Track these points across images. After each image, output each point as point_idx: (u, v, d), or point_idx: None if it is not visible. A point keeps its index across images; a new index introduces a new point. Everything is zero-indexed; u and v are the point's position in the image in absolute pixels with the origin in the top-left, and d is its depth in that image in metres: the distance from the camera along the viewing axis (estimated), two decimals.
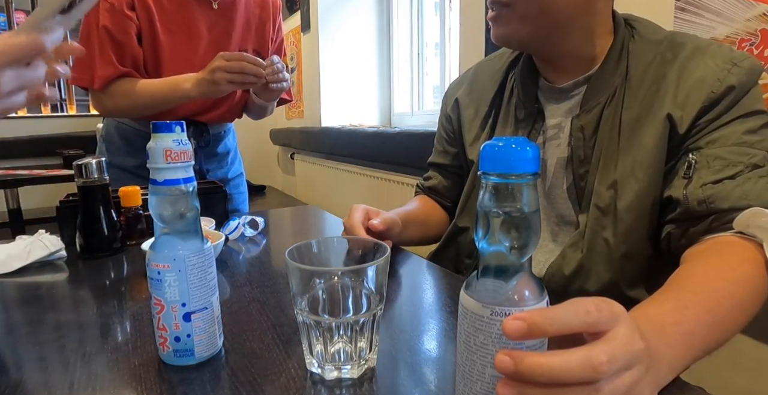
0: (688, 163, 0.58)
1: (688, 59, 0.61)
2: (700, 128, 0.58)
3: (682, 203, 0.57)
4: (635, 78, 0.63)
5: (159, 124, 0.41)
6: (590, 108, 0.65)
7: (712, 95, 0.57)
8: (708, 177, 0.56)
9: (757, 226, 0.51)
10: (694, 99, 0.58)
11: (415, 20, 2.57)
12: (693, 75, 0.59)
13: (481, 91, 0.80)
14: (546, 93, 0.71)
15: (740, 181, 0.55)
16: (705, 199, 0.55)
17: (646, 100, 0.61)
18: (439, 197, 0.89)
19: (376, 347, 0.43)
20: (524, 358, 0.27)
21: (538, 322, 0.27)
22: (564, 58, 0.68)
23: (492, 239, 0.31)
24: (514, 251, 0.31)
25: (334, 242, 0.46)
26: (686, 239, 0.57)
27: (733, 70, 0.58)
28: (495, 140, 0.30)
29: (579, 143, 0.65)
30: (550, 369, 0.27)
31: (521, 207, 0.30)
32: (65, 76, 0.49)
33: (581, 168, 0.65)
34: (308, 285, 0.40)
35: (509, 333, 0.27)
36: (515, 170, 0.29)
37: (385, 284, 0.42)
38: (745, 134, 0.57)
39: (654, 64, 0.63)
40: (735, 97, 0.57)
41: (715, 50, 0.61)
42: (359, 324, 0.40)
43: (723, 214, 0.54)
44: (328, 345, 0.40)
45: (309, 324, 0.40)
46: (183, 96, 1.03)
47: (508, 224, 0.30)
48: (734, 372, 0.98)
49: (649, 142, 0.60)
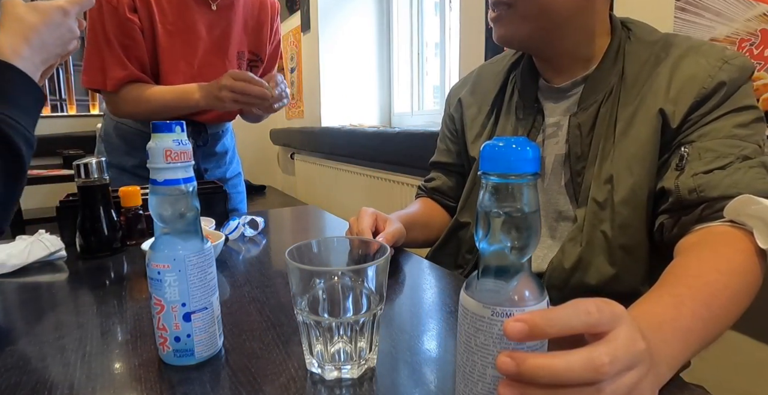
0: (681, 155, 0.59)
1: (681, 58, 0.62)
2: (692, 122, 0.60)
3: (673, 193, 0.58)
4: (630, 77, 0.65)
5: (159, 124, 0.41)
6: (587, 106, 0.67)
7: (703, 91, 0.59)
8: (699, 168, 0.57)
9: (747, 214, 0.52)
10: (686, 95, 0.60)
11: (415, 20, 2.57)
12: (685, 72, 0.61)
13: (483, 91, 0.82)
14: (545, 93, 0.73)
15: (730, 171, 0.56)
16: (695, 188, 0.56)
17: (640, 96, 0.63)
18: (443, 197, 0.90)
19: (376, 347, 0.43)
20: (526, 359, 0.27)
21: (539, 324, 0.27)
22: (563, 58, 0.69)
23: (492, 239, 0.31)
24: (514, 251, 0.31)
25: (334, 242, 0.46)
26: (678, 229, 0.59)
27: (724, 67, 0.59)
28: (495, 139, 0.30)
29: (576, 140, 0.67)
30: (553, 370, 0.27)
31: (521, 207, 0.30)
32: (83, 25, 0.66)
33: (578, 164, 0.67)
34: (308, 285, 0.40)
35: (510, 335, 0.27)
36: (515, 170, 0.29)
37: (385, 284, 0.42)
38: (736, 127, 0.58)
39: (648, 63, 0.64)
40: (726, 93, 0.59)
41: (708, 49, 0.62)
42: (359, 324, 0.40)
43: (713, 202, 0.55)
44: (328, 345, 0.40)
45: (309, 323, 0.40)
46: (193, 106, 1.06)
47: (508, 225, 0.30)
48: (734, 372, 0.98)
49: (642, 136, 0.61)
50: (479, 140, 0.80)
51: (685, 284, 0.47)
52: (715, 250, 0.52)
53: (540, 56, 0.72)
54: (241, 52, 1.19)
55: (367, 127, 2.50)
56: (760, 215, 0.50)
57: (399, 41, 2.73)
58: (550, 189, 0.71)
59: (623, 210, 0.62)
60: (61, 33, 0.60)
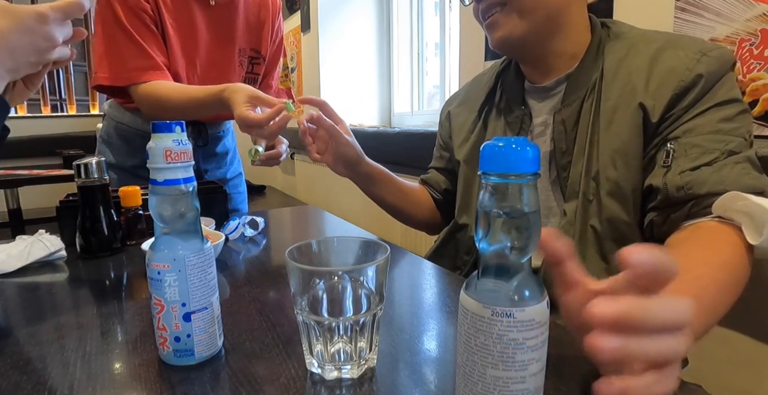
0: (667, 152, 0.59)
1: (660, 51, 0.63)
2: (675, 117, 0.60)
3: (661, 191, 0.59)
4: (610, 72, 0.66)
5: (159, 124, 0.41)
6: (570, 102, 0.68)
7: (682, 84, 0.59)
8: (686, 165, 0.57)
9: (735, 210, 0.52)
10: (665, 89, 0.60)
11: (415, 20, 2.57)
12: (664, 65, 0.61)
13: (472, 99, 0.86)
14: (532, 94, 0.75)
15: (717, 167, 0.56)
16: (683, 185, 0.57)
17: (620, 91, 0.64)
18: (431, 189, 0.95)
19: (376, 347, 0.43)
20: (618, 300, 0.28)
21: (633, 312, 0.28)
22: (550, 57, 0.71)
23: (492, 239, 0.31)
24: (514, 251, 0.31)
25: (335, 242, 0.46)
26: (668, 226, 0.59)
27: (702, 60, 0.59)
28: (495, 139, 0.30)
29: (561, 136, 0.69)
30: (646, 307, 0.28)
31: (521, 207, 0.30)
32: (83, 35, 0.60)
33: (563, 159, 0.68)
34: (308, 285, 0.40)
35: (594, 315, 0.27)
36: (515, 170, 0.29)
37: (386, 284, 0.42)
38: (720, 121, 0.58)
39: (627, 57, 0.65)
40: (704, 86, 0.59)
41: (687, 42, 0.63)
42: (359, 324, 0.40)
43: (701, 199, 0.56)
44: (328, 345, 0.40)
45: (309, 324, 0.40)
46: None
47: (508, 225, 0.30)
48: (734, 372, 0.98)
49: (624, 131, 0.62)
50: (465, 144, 0.83)
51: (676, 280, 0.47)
52: (704, 245, 0.53)
53: (530, 57, 0.73)
54: (242, 50, 1.18)
55: (367, 127, 2.50)
56: (747, 211, 0.51)
57: (399, 41, 2.73)
58: (539, 186, 0.71)
59: (610, 205, 0.63)
60: (34, 40, 0.54)
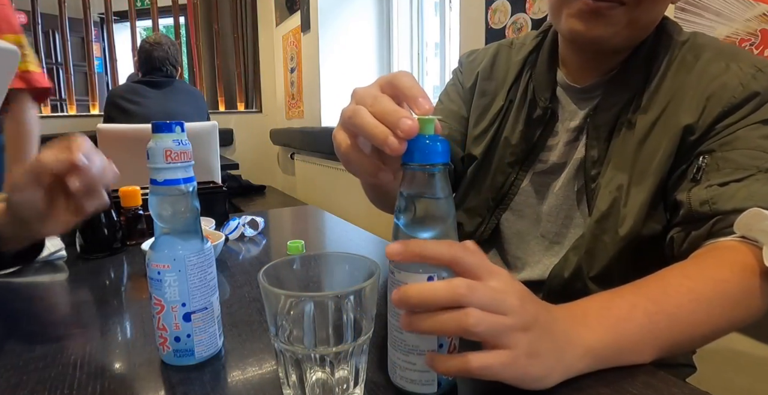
0: (698, 166, 0.55)
1: (709, 63, 0.58)
2: (716, 131, 0.55)
3: (684, 205, 0.54)
4: (656, 80, 0.61)
5: (159, 124, 0.41)
6: (608, 107, 0.62)
7: (733, 100, 0.55)
8: (715, 179, 0.53)
9: (759, 230, 0.46)
10: (714, 104, 0.56)
11: (415, 20, 2.57)
12: (715, 80, 0.57)
13: (497, 79, 0.76)
14: (567, 92, 0.68)
15: (747, 182, 0.51)
16: (708, 199, 0.52)
17: (663, 105, 0.59)
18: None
19: (362, 381, 0.37)
20: (407, 289, 0.33)
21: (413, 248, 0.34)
22: (607, 56, 0.64)
23: (404, 215, 0.37)
24: (414, 225, 0.36)
25: (318, 260, 0.41)
26: (689, 244, 0.54)
27: (757, 76, 0.55)
28: (419, 136, 0.35)
29: (593, 143, 0.63)
30: (422, 291, 0.33)
31: (435, 192, 0.36)
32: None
33: (593, 169, 0.63)
34: (285, 310, 0.35)
35: (388, 253, 0.34)
36: (429, 161, 0.35)
37: (374, 308, 0.36)
38: (761, 138, 0.53)
39: (675, 66, 0.60)
40: (757, 103, 0.55)
41: (740, 55, 0.58)
42: (342, 354, 0.35)
43: (726, 216, 0.50)
44: (308, 375, 0.35)
45: (285, 353, 0.35)
46: None
47: (422, 206, 0.36)
48: (734, 372, 0.98)
49: (660, 150, 0.58)
50: (484, 137, 0.74)
51: (635, 284, 0.45)
52: (699, 261, 0.49)
53: (589, 55, 0.65)
54: None
55: None
56: None
57: (399, 41, 2.73)
58: (561, 194, 0.67)
59: (628, 221, 0.58)
60: None
